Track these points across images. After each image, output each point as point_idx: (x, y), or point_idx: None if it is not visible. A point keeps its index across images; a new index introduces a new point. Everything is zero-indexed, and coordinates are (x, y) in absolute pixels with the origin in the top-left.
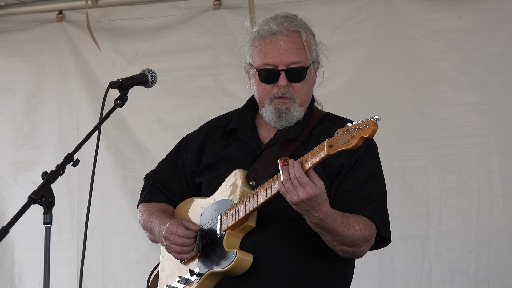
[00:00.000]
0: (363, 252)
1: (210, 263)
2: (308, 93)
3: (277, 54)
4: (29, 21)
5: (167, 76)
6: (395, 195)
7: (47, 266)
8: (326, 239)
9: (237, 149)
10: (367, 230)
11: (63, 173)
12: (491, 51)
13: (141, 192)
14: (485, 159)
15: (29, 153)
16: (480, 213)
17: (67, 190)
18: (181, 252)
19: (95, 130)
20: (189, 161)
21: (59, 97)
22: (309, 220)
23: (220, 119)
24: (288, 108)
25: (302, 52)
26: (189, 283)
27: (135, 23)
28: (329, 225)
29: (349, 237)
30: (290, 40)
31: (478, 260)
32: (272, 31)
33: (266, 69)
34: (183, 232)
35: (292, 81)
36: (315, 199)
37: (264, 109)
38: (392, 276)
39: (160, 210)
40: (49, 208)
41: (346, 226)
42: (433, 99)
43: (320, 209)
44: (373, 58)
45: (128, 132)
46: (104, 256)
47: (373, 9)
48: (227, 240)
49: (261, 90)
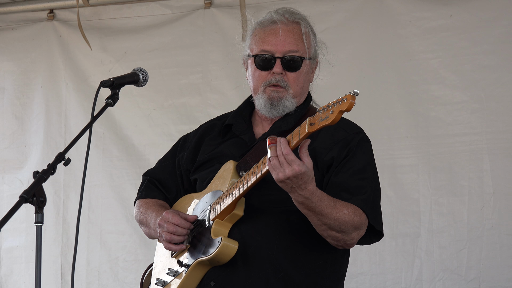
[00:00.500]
0: (353, 240)
1: (197, 252)
2: (302, 85)
3: (274, 41)
4: (20, 20)
5: (155, 74)
6: (386, 193)
7: (39, 265)
8: (314, 222)
9: (231, 146)
10: (357, 216)
11: (54, 172)
12: (482, 50)
13: (139, 189)
14: (476, 158)
15: (17, 151)
16: (471, 211)
17: (52, 188)
18: (170, 240)
19: (86, 129)
20: (185, 158)
21: (47, 95)
22: (295, 199)
23: (218, 118)
24: (281, 97)
25: (300, 42)
26: (178, 274)
27: (126, 22)
28: (315, 205)
29: (337, 220)
30: (289, 30)
31: (469, 258)
32: (273, 20)
33: (262, 55)
34: (178, 221)
35: (287, 70)
36: (301, 177)
37: (257, 97)
38: (383, 274)
39: (157, 204)
40: (41, 207)
41: (334, 208)
42: (424, 98)
43: (305, 187)
44: (364, 56)
45: (115, 130)
46: (89, 254)
47: (364, 8)
48: (215, 229)
49: (256, 77)
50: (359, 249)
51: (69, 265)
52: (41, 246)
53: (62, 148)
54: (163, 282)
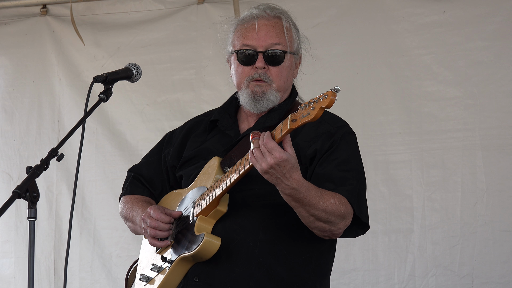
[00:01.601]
0: (340, 230)
1: (181, 248)
2: (286, 79)
3: (256, 36)
4: (13, 15)
5: (148, 69)
6: (379, 189)
7: (31, 260)
8: (301, 215)
9: (216, 142)
10: (343, 206)
11: (47, 168)
12: (475, 46)
13: (123, 185)
14: (469, 154)
15: (5, 145)
16: (464, 207)
17: (45, 183)
18: (155, 235)
19: (80, 125)
20: (171, 155)
21: (39, 90)
22: (282, 191)
23: (205, 114)
24: (264, 91)
25: (282, 36)
26: (162, 270)
27: (119, 17)
28: (302, 196)
29: (325, 210)
30: (271, 24)
31: (462, 254)
32: (254, 15)
33: (244, 50)
34: (158, 215)
35: (269, 64)
36: (283, 164)
37: (241, 92)
38: (376, 270)
39: (143, 200)
40: (34, 202)
41: (321, 198)
42: (417, 94)
43: (291, 177)
44: (357, 52)
45: (108, 125)
46: (82, 249)
47: (357, 3)
48: (198, 225)
49: (239, 72)
50: (352, 245)
51: (62, 260)
52: (34, 241)
53: (55, 144)
54: (147, 278)
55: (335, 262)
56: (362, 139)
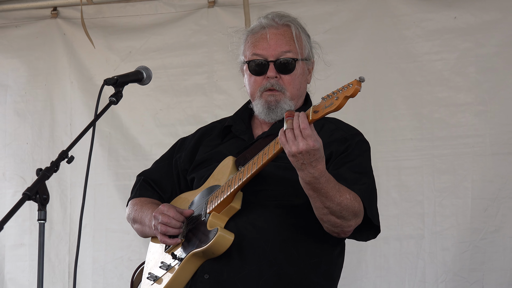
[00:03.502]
0: (350, 227)
1: (192, 246)
2: (299, 87)
3: (266, 45)
4: (23, 17)
5: (161, 74)
6: (390, 195)
7: (41, 263)
8: (316, 205)
9: (230, 146)
10: (357, 203)
11: (57, 170)
12: (486, 52)
13: (132, 189)
14: (480, 160)
15: (19, 148)
16: (474, 213)
17: (59, 187)
18: (166, 232)
19: (90, 127)
20: (183, 158)
21: (52, 94)
22: (302, 177)
23: (218, 121)
24: (278, 100)
25: (292, 44)
26: (170, 268)
27: (129, 21)
28: (322, 186)
29: (340, 204)
30: (280, 33)
31: (472, 260)
32: (262, 25)
33: (255, 60)
34: (173, 213)
35: (281, 73)
36: (314, 153)
37: (255, 102)
38: (387, 276)
39: (152, 202)
40: (44, 204)
41: (338, 192)
42: (428, 99)
43: (316, 166)
44: (368, 57)
45: (121, 129)
46: (95, 253)
47: (368, 8)
48: (211, 221)
49: (252, 83)
50: (364, 251)
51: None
52: (44, 244)
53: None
54: (154, 277)
55: (348, 267)
56: (373, 145)
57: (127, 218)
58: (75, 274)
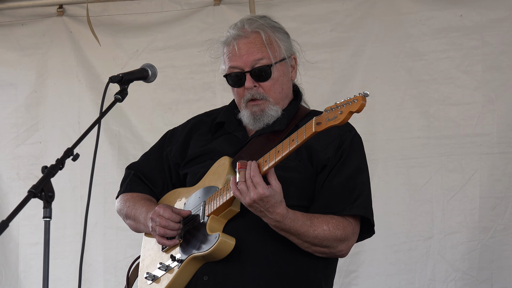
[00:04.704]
0: (342, 251)
1: (191, 248)
2: (280, 89)
3: (239, 56)
4: (29, 15)
5: (168, 72)
6: (399, 194)
7: (47, 261)
8: (295, 242)
9: (223, 142)
10: (339, 230)
11: (62, 167)
12: (493, 50)
13: (122, 182)
14: (488, 158)
15: (32, 147)
16: (483, 212)
17: (70, 185)
18: (164, 234)
19: (95, 125)
20: (174, 152)
21: (60, 92)
22: (267, 222)
23: (206, 114)
24: (263, 109)
25: (263, 50)
26: (170, 269)
27: (135, 18)
28: (289, 227)
29: (316, 237)
30: (250, 42)
31: (481, 259)
32: (233, 36)
33: (232, 73)
34: (169, 215)
35: (259, 81)
36: (266, 200)
37: (241, 113)
38: (397, 275)
39: (145, 198)
40: (49, 202)
41: (311, 227)
42: (435, 98)
43: (274, 211)
44: (374, 55)
45: (130, 128)
46: (106, 251)
47: (374, 6)
48: (210, 225)
49: (235, 94)
50: (375, 249)
51: (87, 262)
52: (49, 241)
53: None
54: (153, 277)
55: (359, 266)
56: (382, 144)
57: (118, 212)
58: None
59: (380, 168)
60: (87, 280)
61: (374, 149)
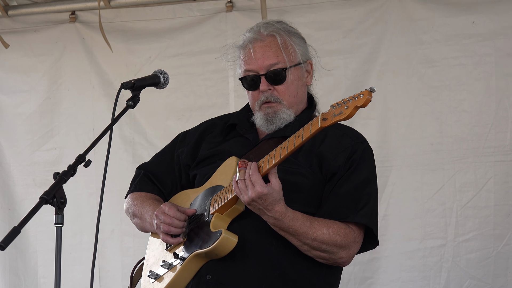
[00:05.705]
0: (342, 259)
1: (194, 246)
2: (295, 94)
3: (254, 59)
4: (42, 21)
5: (181, 78)
6: (413, 201)
7: (58, 267)
8: (295, 243)
9: (234, 144)
10: (339, 236)
11: (75, 174)
12: (505, 57)
13: (132, 182)
14: (502, 165)
15: (47, 154)
16: (497, 219)
17: (86, 192)
18: (168, 231)
19: (107, 131)
20: (185, 154)
21: (75, 99)
22: (267, 220)
23: (219, 118)
24: (276, 111)
25: (279, 54)
26: (172, 267)
27: (148, 25)
28: (288, 225)
29: (315, 239)
30: (266, 45)
31: (496, 266)
32: (249, 39)
33: (247, 76)
34: (173, 213)
35: (273, 84)
36: (265, 198)
37: (255, 115)
38: (412, 282)
39: (152, 198)
40: (61, 208)
41: (310, 228)
42: (448, 104)
43: (272, 209)
44: (386, 61)
45: (144, 134)
46: (124, 257)
47: (386, 13)
48: (214, 222)
49: (250, 97)
50: (390, 256)
51: (104, 269)
52: (61, 248)
53: (93, 152)
54: (155, 275)
55: (374, 273)
56: (395, 150)
57: (126, 211)
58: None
59: (393, 175)
60: (105, 286)
61: (387, 156)
